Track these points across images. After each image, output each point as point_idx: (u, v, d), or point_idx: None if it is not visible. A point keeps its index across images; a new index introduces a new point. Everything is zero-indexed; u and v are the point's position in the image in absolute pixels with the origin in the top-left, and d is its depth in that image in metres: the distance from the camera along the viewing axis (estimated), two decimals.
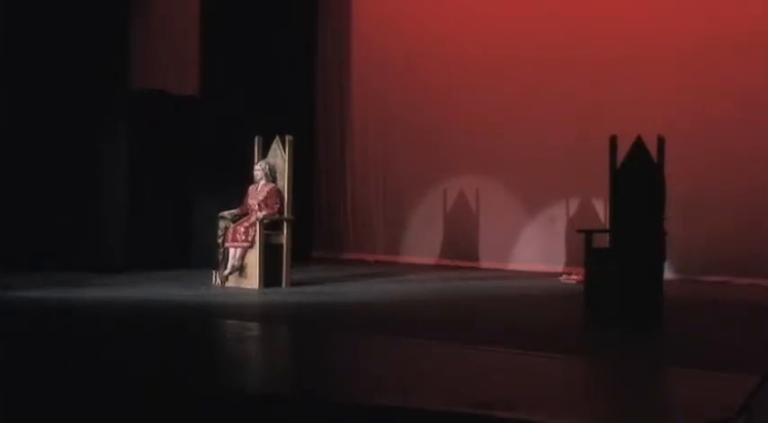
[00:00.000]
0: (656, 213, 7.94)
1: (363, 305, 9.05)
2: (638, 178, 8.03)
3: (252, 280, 9.79)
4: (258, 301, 9.26)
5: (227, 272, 9.85)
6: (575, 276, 10.44)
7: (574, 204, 11.77)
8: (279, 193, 10.00)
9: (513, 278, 11.24)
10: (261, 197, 9.98)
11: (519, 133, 12.03)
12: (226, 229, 9.94)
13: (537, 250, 11.97)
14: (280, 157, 10.09)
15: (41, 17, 10.77)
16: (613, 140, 8.10)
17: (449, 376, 5.74)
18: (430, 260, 12.59)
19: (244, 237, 9.82)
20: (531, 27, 11.97)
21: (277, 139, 10.13)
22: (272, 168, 10.07)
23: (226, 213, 10.02)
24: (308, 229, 13.00)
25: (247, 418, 4.94)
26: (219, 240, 9.95)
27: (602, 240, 8.21)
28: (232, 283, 9.83)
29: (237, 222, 9.94)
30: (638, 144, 8.05)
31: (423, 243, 12.79)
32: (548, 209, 12.01)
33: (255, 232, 9.81)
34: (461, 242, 12.55)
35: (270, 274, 9.79)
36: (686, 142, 10.18)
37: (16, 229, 10.46)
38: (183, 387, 5.30)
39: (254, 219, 9.88)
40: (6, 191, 10.50)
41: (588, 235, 8.12)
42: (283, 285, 9.84)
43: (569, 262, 11.41)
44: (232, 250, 9.88)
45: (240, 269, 9.85)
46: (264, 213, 9.87)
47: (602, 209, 11.16)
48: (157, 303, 8.71)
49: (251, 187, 10.10)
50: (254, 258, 9.82)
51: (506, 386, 5.39)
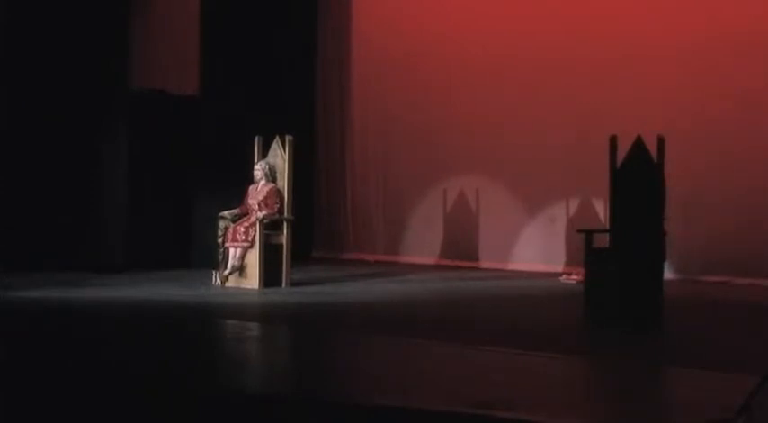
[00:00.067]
0: (656, 213, 7.94)
1: (363, 305, 9.04)
2: (638, 178, 8.03)
3: (252, 280, 9.79)
4: (258, 301, 9.25)
5: (227, 272, 9.85)
6: (575, 276, 10.44)
7: (574, 204, 11.77)
8: (279, 193, 10.00)
9: (513, 278, 11.23)
10: (261, 197, 9.98)
11: (519, 133, 12.03)
12: (226, 229, 9.94)
13: (537, 250, 11.97)
14: (280, 157, 10.09)
15: (41, 17, 10.77)
16: (613, 140, 8.10)
17: (449, 376, 5.74)
18: (430, 260, 12.59)
19: (244, 237, 9.82)
20: (531, 27, 11.97)
21: (277, 139, 10.13)
22: (272, 168, 10.07)
23: (226, 213, 10.02)
24: (308, 229, 13.00)
25: (247, 418, 4.94)
26: (219, 240, 9.95)
27: (602, 240, 8.21)
28: (232, 283, 9.83)
29: (237, 222, 9.94)
30: (638, 144, 8.06)
31: (423, 243, 12.78)
32: (548, 209, 12.00)
33: (255, 232, 9.81)
34: (461, 242, 12.54)
35: (270, 274, 9.79)
36: (686, 142, 10.18)
37: (16, 229, 10.46)
38: (183, 387, 5.30)
39: (254, 219, 9.88)
40: (6, 191, 10.50)
41: (588, 235, 8.12)
42: (283, 285, 9.84)
43: (569, 262, 11.41)
44: (232, 250, 9.88)
45: (240, 269, 9.85)
46: (264, 213, 9.87)
47: (602, 209, 11.16)
48: (157, 303, 8.71)
49: (251, 187, 10.10)
50: (254, 258, 9.82)
51: (506, 386, 5.39)
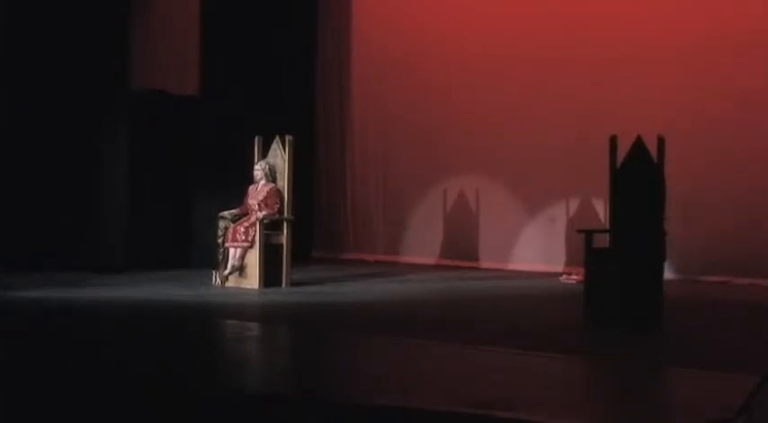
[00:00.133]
0: (656, 213, 7.94)
1: (363, 305, 9.04)
2: (638, 178, 8.03)
3: (252, 280, 9.79)
4: (258, 301, 9.25)
5: (227, 272, 9.85)
6: (575, 276, 10.44)
7: (574, 204, 11.77)
8: (279, 193, 10.00)
9: (513, 278, 11.23)
10: (261, 197, 9.98)
11: (519, 133, 12.03)
12: (226, 229, 9.94)
13: (537, 250, 11.97)
14: (280, 157, 10.09)
15: (41, 17, 10.77)
16: (613, 140, 8.10)
17: (449, 376, 5.74)
18: (430, 260, 12.59)
19: (244, 237, 9.82)
20: (531, 27, 11.96)
21: (277, 139, 10.13)
22: (272, 168, 10.07)
23: (226, 213, 10.02)
24: (308, 229, 13.00)
25: (247, 418, 4.94)
26: (219, 240, 9.95)
27: (603, 240, 8.21)
28: (232, 283, 9.83)
29: (237, 222, 9.94)
30: (638, 144, 8.06)
31: (423, 243, 12.78)
32: (548, 209, 12.00)
33: (255, 232, 9.81)
34: (461, 242, 12.54)
35: (270, 274, 9.79)
36: (686, 142, 10.18)
37: (16, 229, 10.46)
38: (183, 387, 5.30)
39: (254, 219, 9.88)
40: (6, 191, 10.50)
41: (588, 235, 8.11)
42: (283, 285, 9.84)
43: (569, 262, 11.41)
44: (232, 250, 9.88)
45: (240, 269, 9.85)
46: (264, 213, 9.87)
47: (602, 209, 11.16)
48: (157, 303, 8.71)
49: (251, 187, 10.10)
50: (254, 258, 9.82)
51: (506, 386, 5.39)
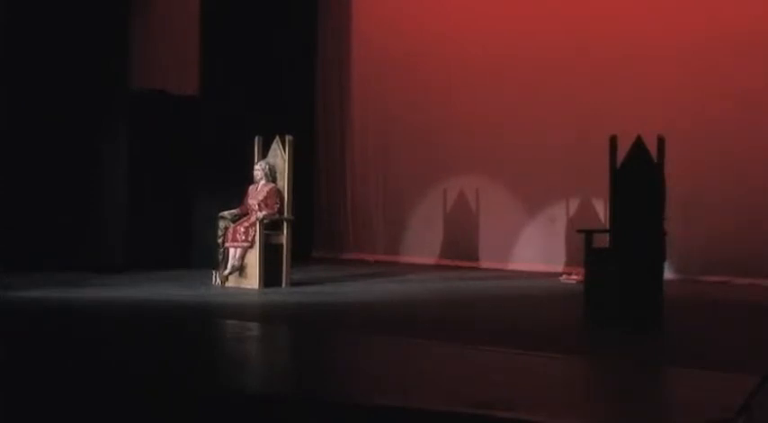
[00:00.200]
0: (656, 213, 7.94)
1: (363, 305, 9.04)
2: (638, 178, 8.03)
3: (252, 280, 9.79)
4: (258, 301, 9.25)
5: (227, 272, 9.85)
6: (575, 276, 10.44)
7: (574, 204, 11.77)
8: (279, 193, 10.00)
9: (513, 278, 11.23)
10: (261, 197, 9.98)
11: (519, 133, 12.03)
12: (226, 229, 9.94)
13: (537, 250, 11.97)
14: (280, 157, 10.09)
15: (41, 17, 10.77)
16: (613, 140, 8.10)
17: (449, 376, 5.73)
18: (430, 260, 12.59)
19: (244, 237, 9.82)
20: (531, 27, 11.96)
21: (277, 139, 10.13)
22: (272, 168, 10.07)
23: (226, 213, 10.02)
24: (308, 229, 13.00)
25: (247, 418, 4.94)
26: (219, 240, 9.95)
27: (603, 240, 8.21)
28: (232, 283, 9.83)
29: (237, 222, 9.94)
30: (638, 144, 8.05)
31: (423, 243, 12.78)
32: (548, 209, 12.00)
33: (255, 232, 9.80)
34: (461, 242, 12.54)
35: (270, 274, 9.79)
36: (686, 142, 10.18)
37: (16, 229, 10.46)
38: (183, 387, 5.30)
39: (254, 219, 9.87)
40: (6, 191, 10.50)
41: (588, 235, 8.11)
42: (283, 285, 9.84)
43: (569, 262, 11.41)
44: (232, 250, 9.88)
45: (240, 269, 9.85)
46: (264, 213, 9.87)
47: (602, 209, 11.16)
48: (157, 303, 8.71)
49: (251, 187, 10.10)
50: (254, 258, 9.81)
51: (506, 386, 5.39)
